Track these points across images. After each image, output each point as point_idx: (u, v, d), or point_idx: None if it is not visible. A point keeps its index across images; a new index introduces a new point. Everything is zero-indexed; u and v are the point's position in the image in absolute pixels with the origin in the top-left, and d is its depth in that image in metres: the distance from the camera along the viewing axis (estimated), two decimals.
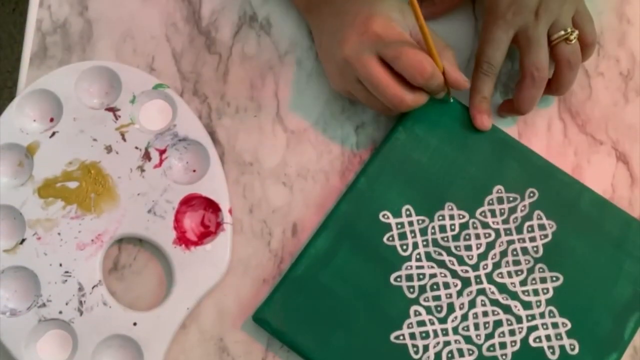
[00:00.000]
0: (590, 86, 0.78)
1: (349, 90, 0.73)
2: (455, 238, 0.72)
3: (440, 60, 0.69)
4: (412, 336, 0.70)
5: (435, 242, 0.72)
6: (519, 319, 0.70)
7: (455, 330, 0.70)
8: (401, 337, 0.70)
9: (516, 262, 0.72)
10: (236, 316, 0.72)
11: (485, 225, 0.72)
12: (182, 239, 0.72)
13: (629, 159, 0.77)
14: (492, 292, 0.71)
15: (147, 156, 0.73)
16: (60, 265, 0.71)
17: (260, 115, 0.77)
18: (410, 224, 0.72)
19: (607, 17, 0.80)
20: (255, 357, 0.71)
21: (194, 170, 0.74)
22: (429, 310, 0.70)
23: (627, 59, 0.79)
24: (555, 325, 0.70)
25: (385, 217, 0.72)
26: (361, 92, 0.71)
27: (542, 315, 0.71)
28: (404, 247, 0.72)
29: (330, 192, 0.75)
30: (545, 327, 0.70)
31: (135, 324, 0.70)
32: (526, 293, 0.71)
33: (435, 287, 0.71)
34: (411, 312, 0.70)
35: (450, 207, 0.73)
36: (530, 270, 0.71)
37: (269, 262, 0.73)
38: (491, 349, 0.70)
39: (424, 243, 0.72)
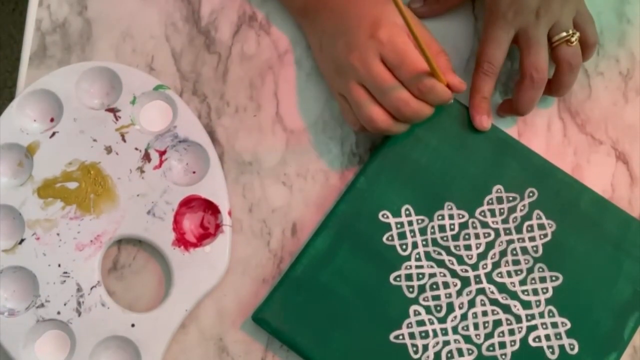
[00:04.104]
0: (589, 86, 0.78)
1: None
2: (455, 238, 0.72)
3: (439, 71, 0.69)
4: (412, 336, 0.70)
5: (434, 242, 0.72)
6: (518, 319, 0.70)
7: (454, 330, 0.70)
8: (401, 337, 0.70)
9: (516, 262, 0.72)
10: (236, 316, 0.72)
11: (484, 225, 0.72)
12: (181, 241, 0.72)
13: (629, 159, 0.76)
14: (492, 292, 0.71)
15: (147, 157, 0.73)
16: (59, 265, 0.71)
17: (259, 114, 0.77)
18: (410, 223, 0.72)
19: (606, 17, 0.80)
20: (254, 357, 0.71)
21: (194, 172, 0.74)
22: (428, 309, 0.70)
23: (627, 58, 0.79)
24: (554, 325, 0.70)
25: (385, 216, 0.72)
26: (343, 103, 0.72)
27: (541, 314, 0.70)
28: (404, 246, 0.72)
29: (330, 192, 0.75)
30: (544, 326, 0.70)
31: (133, 325, 0.70)
32: (526, 293, 0.71)
33: (434, 286, 0.71)
34: (411, 311, 0.70)
35: (449, 207, 0.73)
36: (530, 270, 0.71)
37: (269, 262, 0.73)
38: (491, 348, 0.70)
39: (424, 243, 0.72)
